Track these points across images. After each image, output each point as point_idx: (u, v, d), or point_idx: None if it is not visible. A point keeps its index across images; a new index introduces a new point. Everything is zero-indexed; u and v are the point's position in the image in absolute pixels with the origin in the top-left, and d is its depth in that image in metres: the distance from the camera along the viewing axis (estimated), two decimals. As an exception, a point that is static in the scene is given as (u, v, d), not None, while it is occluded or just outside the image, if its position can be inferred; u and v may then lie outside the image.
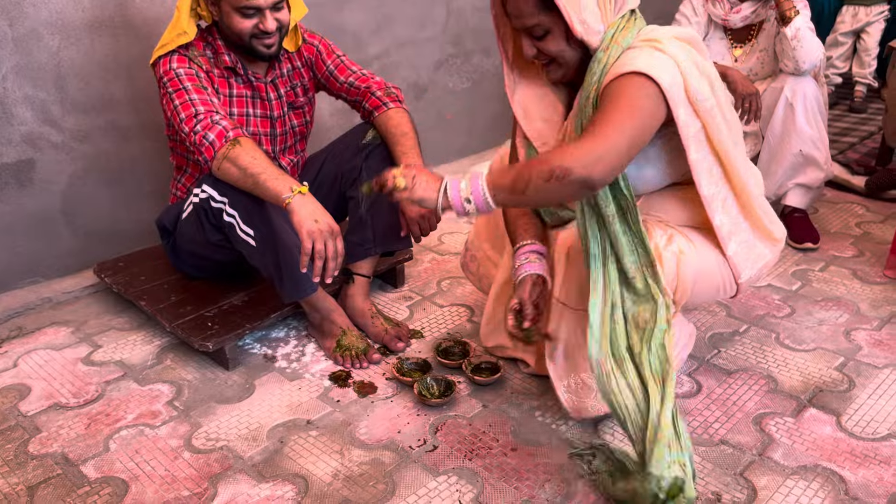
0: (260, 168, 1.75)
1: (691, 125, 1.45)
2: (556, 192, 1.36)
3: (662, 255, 1.52)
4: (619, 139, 1.35)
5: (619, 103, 1.38)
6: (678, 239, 1.56)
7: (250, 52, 1.94)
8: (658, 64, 1.40)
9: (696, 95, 1.43)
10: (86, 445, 1.67)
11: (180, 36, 1.89)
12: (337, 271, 1.74)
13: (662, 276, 1.49)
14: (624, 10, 1.49)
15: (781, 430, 1.67)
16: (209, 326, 1.95)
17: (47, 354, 2.04)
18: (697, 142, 1.48)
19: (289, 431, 1.71)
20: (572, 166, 1.32)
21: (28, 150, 2.22)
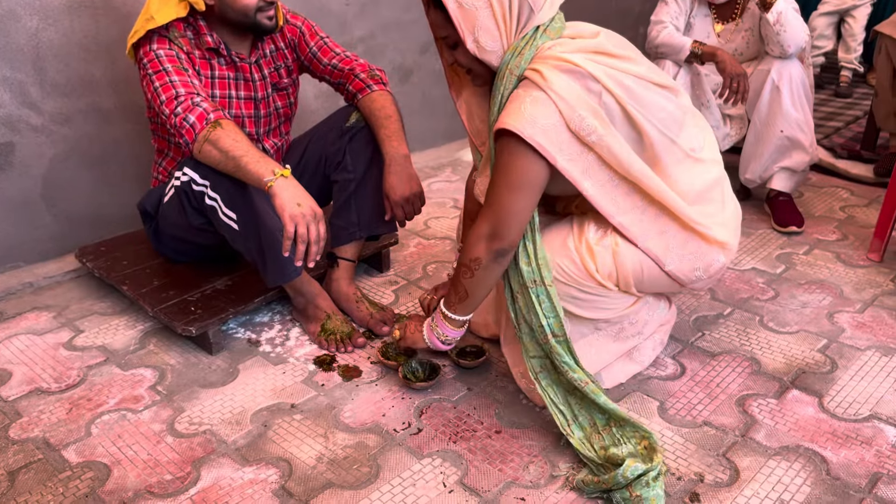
0: (241, 151, 1.73)
1: (579, 161, 1.45)
2: (487, 277, 1.54)
3: (594, 250, 1.55)
4: (503, 211, 1.47)
5: (498, 175, 1.47)
6: (614, 234, 1.57)
7: (253, 28, 1.91)
8: (529, 117, 1.40)
9: (579, 131, 1.42)
10: (67, 430, 1.66)
11: (148, 21, 1.84)
12: (319, 255, 1.72)
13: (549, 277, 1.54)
14: (527, 29, 1.46)
15: (764, 411, 1.68)
16: (192, 311, 1.94)
17: (28, 339, 2.02)
18: (589, 176, 1.48)
19: (273, 415, 1.70)
20: (480, 257, 1.51)
21: (7, 134, 2.19)
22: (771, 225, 2.63)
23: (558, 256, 1.56)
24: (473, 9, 1.43)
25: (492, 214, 1.49)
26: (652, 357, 1.85)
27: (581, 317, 1.62)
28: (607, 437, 1.53)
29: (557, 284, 1.56)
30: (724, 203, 1.63)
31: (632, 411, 1.69)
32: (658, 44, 2.59)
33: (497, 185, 1.48)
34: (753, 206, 2.80)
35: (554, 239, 1.59)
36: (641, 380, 1.80)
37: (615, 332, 1.70)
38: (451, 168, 3.27)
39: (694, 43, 2.52)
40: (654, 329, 1.79)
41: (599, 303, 1.61)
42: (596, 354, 1.70)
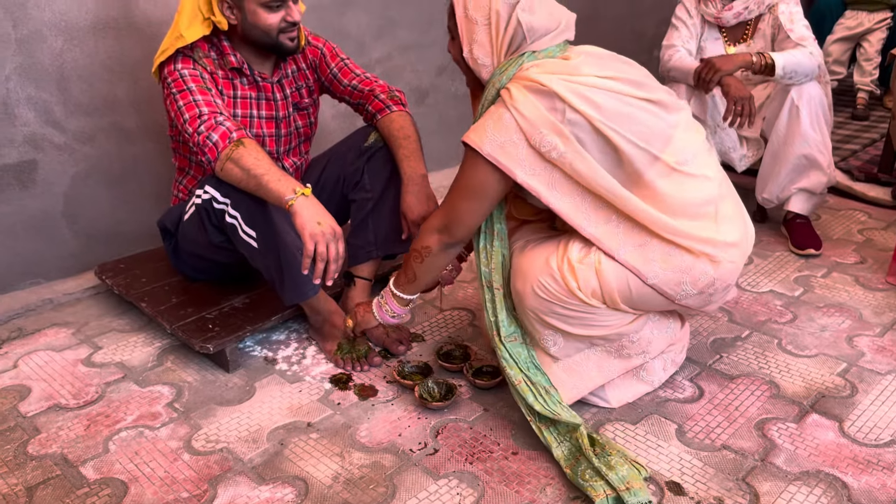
0: (263, 169, 1.75)
1: (544, 175, 1.52)
2: (435, 263, 1.69)
3: (576, 268, 1.56)
4: (456, 210, 1.60)
5: (458, 180, 1.60)
6: (598, 251, 1.57)
7: (275, 49, 1.94)
8: (490, 134, 1.50)
9: (539, 147, 1.49)
10: (85, 446, 1.67)
11: (177, 39, 1.88)
12: (338, 274, 1.74)
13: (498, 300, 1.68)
14: (519, 52, 1.55)
15: (784, 435, 1.67)
16: (210, 328, 1.95)
17: (47, 356, 2.03)
18: (556, 188, 1.53)
19: (289, 434, 1.70)
20: (430, 245, 1.66)
21: (30, 151, 2.22)
22: (788, 247, 2.62)
23: (541, 274, 1.58)
24: (475, 22, 1.56)
25: (446, 213, 1.63)
26: (663, 377, 1.83)
27: (572, 333, 1.63)
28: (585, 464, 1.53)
29: (540, 301, 1.59)
30: (717, 220, 1.58)
31: (649, 434, 1.68)
32: (669, 67, 2.61)
33: (455, 189, 1.61)
34: (770, 228, 2.79)
35: (538, 257, 1.62)
36: (659, 402, 1.79)
37: (615, 350, 1.69)
38: (467, 188, 3.28)
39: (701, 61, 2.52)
40: (663, 348, 1.77)
41: (589, 320, 1.61)
42: (596, 369, 1.70)
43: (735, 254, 1.60)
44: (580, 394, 1.72)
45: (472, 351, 1.97)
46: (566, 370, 1.70)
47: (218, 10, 1.88)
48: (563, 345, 1.66)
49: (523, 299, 1.63)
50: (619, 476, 1.48)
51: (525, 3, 1.52)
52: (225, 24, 1.89)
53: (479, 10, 1.55)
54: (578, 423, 1.59)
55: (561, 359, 1.69)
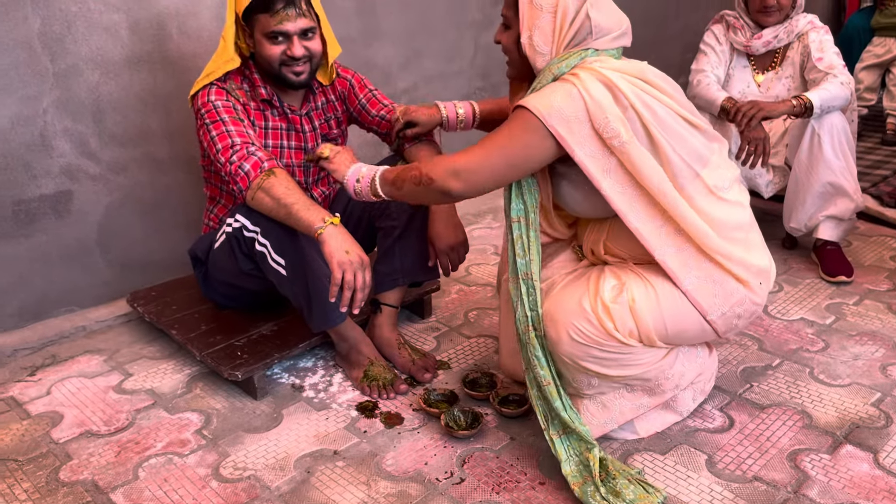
0: (293, 199, 1.78)
1: (602, 160, 1.50)
2: (423, 195, 1.62)
3: (611, 309, 1.54)
4: (483, 162, 1.53)
5: (498, 132, 1.54)
6: (632, 285, 1.57)
7: (281, 81, 1.98)
8: (551, 99, 1.48)
9: (603, 132, 1.47)
10: (115, 473, 1.69)
11: (227, 62, 1.94)
12: (364, 302, 1.76)
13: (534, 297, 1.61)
14: (580, 47, 1.55)
15: (817, 466, 1.63)
16: (238, 356, 1.97)
17: (80, 382, 2.06)
18: (610, 175, 1.52)
19: (316, 461, 1.71)
20: (434, 177, 1.55)
21: (66, 182, 2.28)
22: (819, 274, 2.59)
23: (574, 318, 1.55)
24: (539, 9, 1.54)
25: (471, 159, 1.54)
26: (692, 406, 1.81)
27: (609, 376, 1.60)
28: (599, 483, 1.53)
29: (577, 346, 1.56)
30: (748, 248, 1.60)
31: (679, 464, 1.66)
32: (695, 94, 2.61)
33: (492, 145, 1.53)
34: (801, 254, 2.76)
35: (569, 300, 1.58)
36: (688, 432, 1.76)
37: (650, 388, 1.68)
38: (492, 215, 3.29)
39: (726, 99, 2.51)
40: (692, 378, 1.75)
41: (625, 360, 1.59)
42: (629, 405, 1.68)
43: (764, 278, 1.61)
44: (609, 429, 1.69)
45: (498, 379, 1.97)
46: (598, 406, 1.67)
47: (243, 36, 1.96)
48: (597, 385, 1.64)
49: (558, 346, 1.57)
50: (627, 501, 1.48)
51: (595, 0, 1.54)
52: (247, 50, 1.97)
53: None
54: (593, 444, 1.57)
55: (596, 397, 1.67)
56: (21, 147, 2.17)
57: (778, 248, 2.80)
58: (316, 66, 2.00)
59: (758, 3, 2.59)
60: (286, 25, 1.88)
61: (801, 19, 2.60)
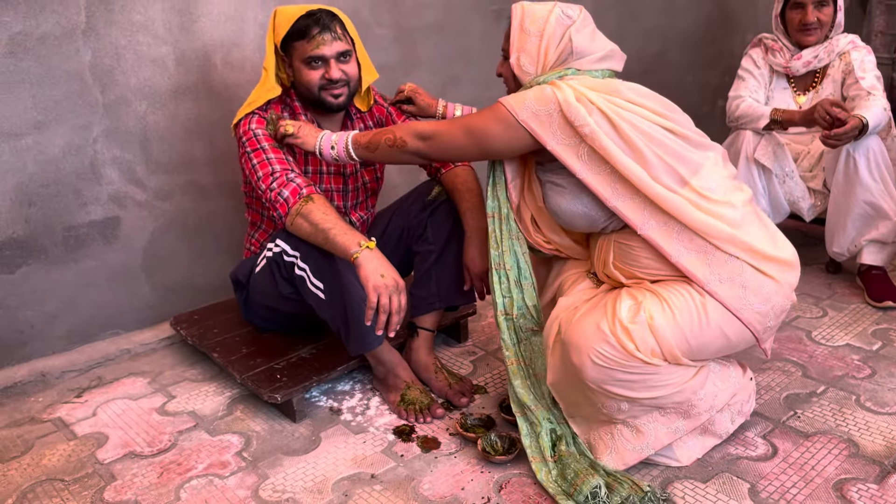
0: (330, 223, 1.82)
1: (575, 147, 1.60)
2: (398, 156, 1.81)
3: (630, 329, 1.55)
4: (447, 131, 1.73)
5: (471, 118, 1.71)
6: (648, 304, 1.57)
7: (321, 105, 2.03)
8: (522, 96, 1.64)
9: (574, 120, 1.58)
10: (158, 494, 1.71)
11: (269, 91, 2.01)
12: (400, 325, 1.77)
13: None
14: (563, 67, 1.69)
15: (864, 496, 1.59)
16: (278, 378, 2.00)
17: (124, 404, 2.11)
18: (582, 160, 1.61)
19: (353, 485, 1.72)
20: (407, 141, 1.77)
21: (114, 209, 2.35)
22: (864, 300, 2.53)
23: (595, 342, 1.55)
24: (528, 34, 1.71)
25: (442, 132, 1.74)
26: (731, 428, 1.78)
27: (636, 399, 1.59)
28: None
29: (600, 370, 1.56)
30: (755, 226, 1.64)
31: (720, 493, 1.63)
32: (738, 115, 2.59)
33: (463, 124, 1.71)
34: (845, 279, 2.70)
35: (587, 326, 1.59)
36: (730, 460, 1.73)
37: (683, 411, 1.66)
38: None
39: (774, 111, 2.50)
40: (727, 399, 1.72)
41: (651, 381, 1.58)
42: (664, 429, 1.66)
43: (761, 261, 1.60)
44: (645, 454, 1.68)
45: (535, 404, 1.95)
46: (632, 431, 1.66)
47: (283, 66, 2.03)
48: (628, 409, 1.63)
49: (582, 372, 1.58)
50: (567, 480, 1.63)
51: (578, 26, 1.69)
52: (287, 80, 2.04)
53: (534, 24, 1.70)
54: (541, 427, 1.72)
55: (630, 422, 1.66)
56: (72, 175, 2.25)
57: (821, 273, 2.75)
58: (354, 90, 2.05)
59: (797, 23, 2.57)
60: (323, 49, 1.94)
61: (841, 39, 2.58)
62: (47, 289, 2.27)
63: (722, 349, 1.62)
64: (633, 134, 1.57)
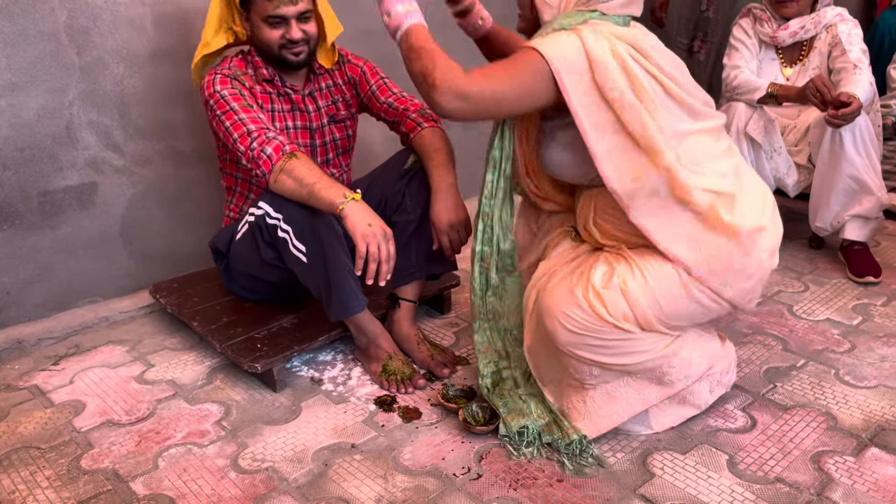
0: (315, 178, 1.81)
1: (595, 114, 1.50)
2: (420, 88, 1.54)
3: (602, 294, 1.55)
4: (493, 89, 1.49)
5: (505, 65, 1.52)
6: (621, 270, 1.57)
7: (281, 62, 2.02)
8: (558, 47, 1.49)
9: (603, 84, 1.48)
10: (136, 462, 1.70)
11: (204, 47, 2.03)
12: (390, 275, 1.78)
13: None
14: (587, 7, 1.57)
15: (841, 469, 1.60)
16: (258, 348, 1.98)
17: (102, 372, 2.09)
18: (602, 131, 1.51)
19: (333, 454, 1.71)
20: (438, 87, 1.48)
21: (91, 174, 2.30)
22: (846, 275, 2.54)
23: (566, 307, 1.56)
24: None
25: (482, 85, 1.49)
26: (710, 399, 1.78)
27: (609, 364, 1.60)
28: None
29: (571, 335, 1.57)
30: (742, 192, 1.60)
31: (699, 465, 1.64)
32: (735, 85, 2.58)
33: (502, 70, 1.51)
34: (827, 254, 2.71)
35: (559, 291, 1.60)
36: (709, 432, 1.74)
37: (657, 377, 1.66)
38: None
39: (771, 84, 2.50)
40: (703, 370, 1.72)
41: (624, 347, 1.58)
42: (635, 395, 1.66)
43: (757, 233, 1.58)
44: (618, 421, 1.69)
45: (517, 375, 1.95)
46: (605, 396, 1.67)
47: (239, 20, 2.01)
48: (599, 374, 1.64)
49: (555, 336, 1.60)
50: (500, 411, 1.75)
51: None
52: (243, 34, 2.02)
53: None
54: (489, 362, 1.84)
55: (601, 386, 1.67)
56: (47, 139, 2.19)
57: (804, 248, 2.76)
58: (314, 47, 2.05)
59: None
60: (283, 10, 1.93)
61: (829, 11, 2.57)
62: (23, 255, 2.23)
63: (698, 317, 1.62)
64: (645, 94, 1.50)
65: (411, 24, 1.58)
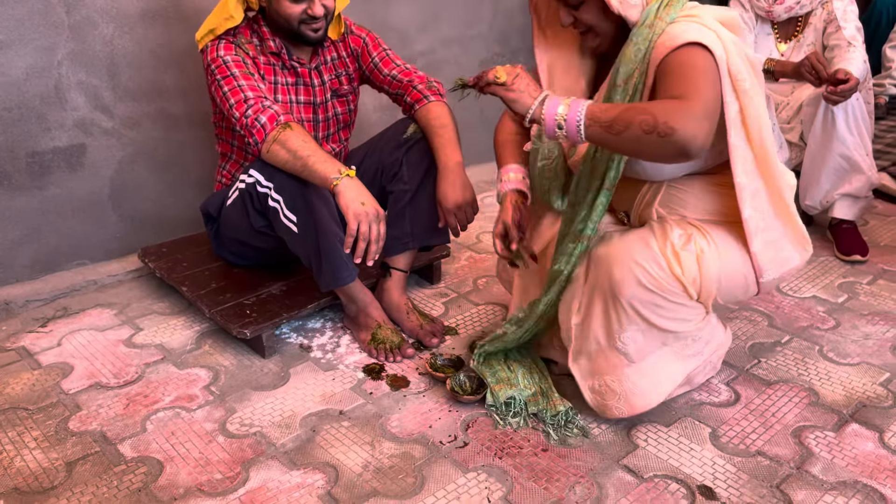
0: (309, 151, 1.79)
1: (732, 105, 1.44)
2: (651, 148, 1.32)
3: (680, 255, 1.53)
4: (706, 104, 1.34)
5: (694, 71, 1.36)
6: (697, 238, 1.56)
7: (298, 37, 1.97)
8: (708, 37, 1.40)
9: (736, 74, 1.42)
10: (124, 425, 1.71)
11: (227, 20, 1.94)
12: (378, 255, 1.77)
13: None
14: None
15: (821, 444, 1.63)
16: (247, 314, 1.98)
17: (90, 335, 2.08)
18: (736, 124, 1.47)
19: (321, 421, 1.72)
20: (677, 126, 1.27)
21: (80, 136, 2.28)
22: (833, 253, 2.56)
23: (642, 259, 1.52)
24: None
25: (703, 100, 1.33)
26: (703, 380, 1.81)
27: (657, 326, 1.58)
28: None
29: (642, 290, 1.53)
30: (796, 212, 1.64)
31: (682, 437, 1.66)
32: None
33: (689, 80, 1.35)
34: (815, 232, 2.72)
35: (635, 241, 1.56)
36: (693, 405, 1.76)
37: (680, 349, 1.66)
38: (506, 183, 3.27)
39: (768, 60, 2.50)
40: (712, 352, 1.75)
41: (680, 312, 1.58)
42: (665, 374, 1.66)
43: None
44: (656, 400, 1.65)
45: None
46: (640, 374, 1.64)
47: None
48: (641, 344, 1.60)
49: (621, 286, 1.53)
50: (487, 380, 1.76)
51: None
52: (256, 4, 1.96)
53: None
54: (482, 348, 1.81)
55: (637, 362, 1.63)
56: (35, 98, 2.16)
57: (793, 226, 2.78)
58: (330, 21, 2.00)
59: None
60: None
61: None
62: (10, 216, 2.21)
63: (738, 294, 1.63)
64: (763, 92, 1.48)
65: (585, 107, 1.38)
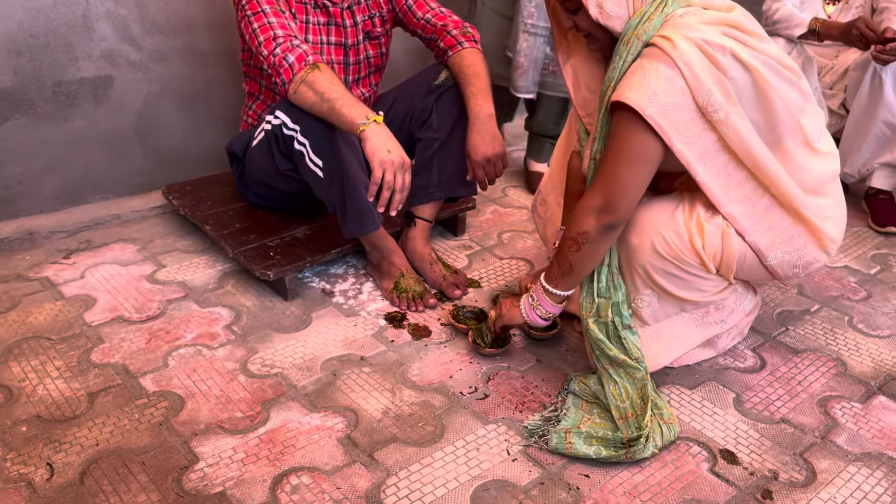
0: (337, 94, 1.74)
1: (697, 144, 1.40)
2: (594, 251, 1.49)
3: (705, 227, 1.50)
4: (621, 185, 1.42)
5: (614, 148, 1.42)
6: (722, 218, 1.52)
7: None
8: (651, 92, 1.34)
9: (706, 107, 1.36)
10: (146, 359, 1.71)
11: None
12: (402, 204, 1.74)
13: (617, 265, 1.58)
14: None
15: (847, 414, 1.61)
16: (271, 256, 1.96)
17: (113, 269, 2.08)
18: (707, 159, 1.43)
19: (342, 365, 1.72)
20: (588, 229, 1.46)
21: (106, 67, 2.24)
22: (868, 223, 2.50)
23: (664, 228, 1.50)
24: None
25: (605, 187, 1.44)
26: (729, 345, 1.79)
27: (672, 294, 1.56)
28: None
29: (657, 258, 1.51)
30: (837, 200, 1.58)
31: (706, 400, 1.64)
32: (777, 19, 2.49)
33: (612, 159, 1.43)
34: (850, 202, 2.61)
35: (661, 210, 1.53)
36: (718, 370, 1.74)
37: (700, 316, 1.64)
38: (533, 137, 3.21)
39: (813, 20, 2.41)
40: (737, 321, 1.72)
41: (696, 283, 1.55)
42: (680, 339, 1.65)
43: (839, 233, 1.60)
44: (664, 362, 1.66)
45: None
46: (654, 336, 1.63)
47: None
48: (656, 308, 1.59)
49: (637, 253, 1.53)
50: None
51: None
52: None
53: None
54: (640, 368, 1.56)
55: (651, 325, 1.63)
56: (63, 26, 2.12)
57: (827, 194, 2.71)
58: None
59: None
60: None
61: None
62: (36, 145, 2.19)
63: (760, 278, 1.62)
64: (768, 81, 1.38)
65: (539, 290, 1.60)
